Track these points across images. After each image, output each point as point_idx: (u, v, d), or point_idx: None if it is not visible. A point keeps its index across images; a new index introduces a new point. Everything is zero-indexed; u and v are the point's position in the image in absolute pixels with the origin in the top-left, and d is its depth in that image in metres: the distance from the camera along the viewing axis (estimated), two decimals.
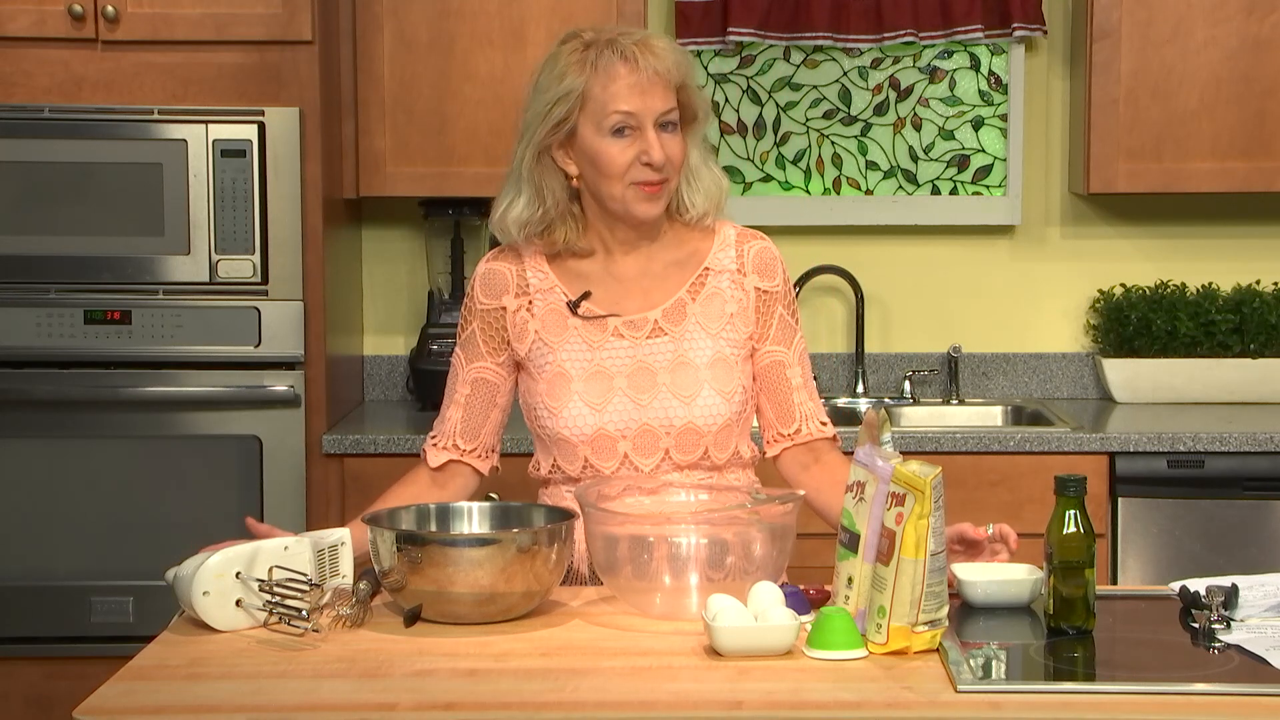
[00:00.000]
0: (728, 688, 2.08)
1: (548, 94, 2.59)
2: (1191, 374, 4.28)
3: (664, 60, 2.57)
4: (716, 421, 2.61)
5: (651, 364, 2.62)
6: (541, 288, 2.66)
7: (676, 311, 2.65)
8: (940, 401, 4.42)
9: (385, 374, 4.46)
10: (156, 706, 2.04)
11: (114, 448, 3.81)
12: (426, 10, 4.06)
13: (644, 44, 2.58)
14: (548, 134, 2.59)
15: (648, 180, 2.58)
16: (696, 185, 2.67)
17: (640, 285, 2.67)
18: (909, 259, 4.47)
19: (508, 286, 2.67)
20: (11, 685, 3.84)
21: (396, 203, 4.33)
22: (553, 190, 2.62)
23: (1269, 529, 3.86)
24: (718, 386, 2.62)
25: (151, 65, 3.82)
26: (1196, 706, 2.02)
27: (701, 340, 2.64)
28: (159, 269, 3.80)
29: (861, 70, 4.44)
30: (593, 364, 2.62)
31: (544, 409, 2.62)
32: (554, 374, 2.62)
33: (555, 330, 2.64)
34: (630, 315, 2.65)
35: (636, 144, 2.56)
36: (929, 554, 2.16)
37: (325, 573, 2.42)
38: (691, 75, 2.63)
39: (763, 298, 2.68)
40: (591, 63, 2.56)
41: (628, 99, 2.55)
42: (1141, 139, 4.13)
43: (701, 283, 2.67)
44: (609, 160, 2.57)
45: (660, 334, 2.64)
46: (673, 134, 2.59)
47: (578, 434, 2.60)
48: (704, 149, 2.69)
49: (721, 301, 2.66)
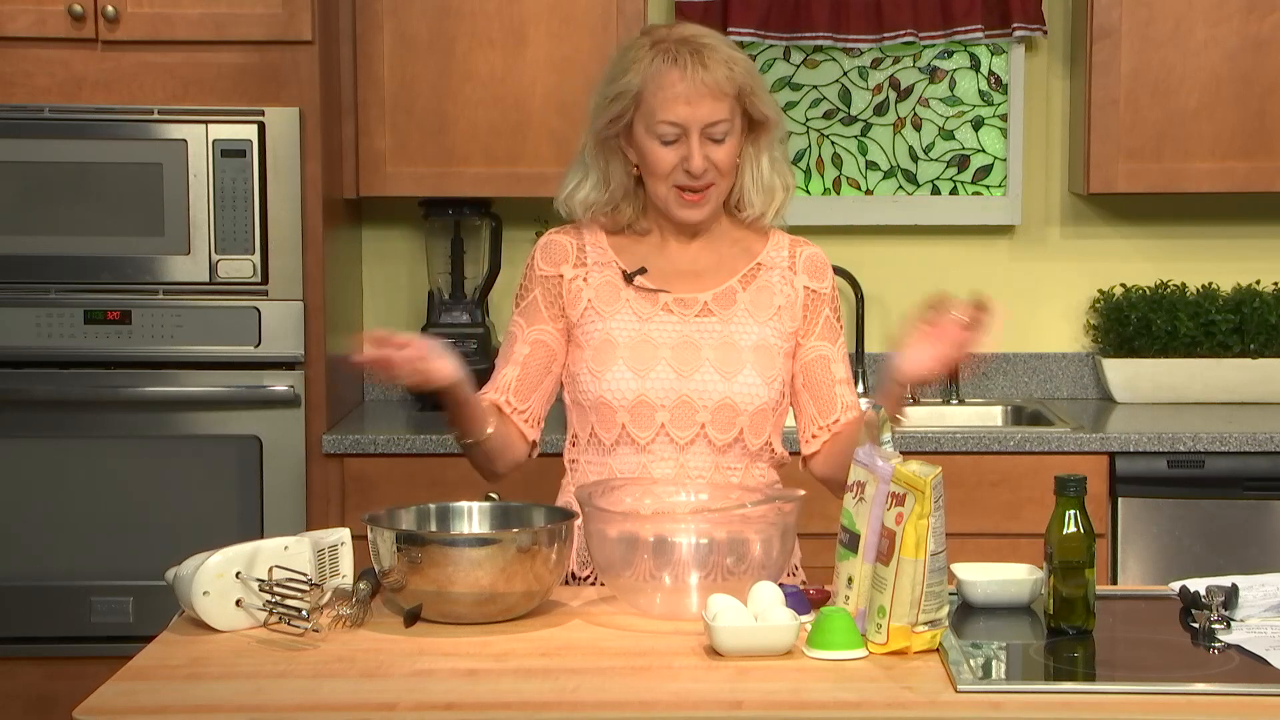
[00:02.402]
0: (728, 688, 2.08)
1: (610, 87, 2.68)
2: (1191, 374, 4.27)
3: (714, 72, 2.63)
4: (754, 402, 2.65)
5: (697, 340, 2.68)
6: (599, 261, 2.74)
7: (727, 297, 2.72)
8: (940, 401, 4.42)
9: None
10: (156, 706, 2.04)
11: (114, 448, 3.81)
12: (426, 10, 4.06)
13: (699, 53, 2.64)
14: (607, 125, 2.68)
15: (689, 186, 2.66)
16: (759, 186, 2.74)
17: (694, 270, 2.74)
18: (909, 259, 4.47)
19: (567, 257, 2.74)
20: (11, 685, 3.84)
21: (396, 203, 4.33)
22: (616, 174, 2.72)
23: (1269, 529, 3.86)
24: (759, 369, 2.67)
25: (151, 65, 3.82)
26: (1196, 706, 2.02)
27: (749, 325, 2.70)
28: (159, 269, 3.80)
29: (861, 70, 4.44)
30: (640, 334, 2.68)
31: (587, 373, 2.67)
32: (601, 340, 2.68)
33: (608, 300, 2.71)
34: (681, 294, 2.71)
35: (681, 150, 2.64)
36: (929, 554, 2.16)
37: (325, 573, 2.42)
38: (753, 84, 2.68)
39: (811, 297, 2.75)
40: (648, 66, 2.64)
41: (674, 109, 2.63)
42: (1141, 139, 4.13)
43: (754, 275, 2.75)
44: (655, 162, 2.66)
45: (709, 314, 2.71)
46: (721, 143, 2.65)
47: (619, 398, 2.64)
48: (778, 151, 2.76)
49: (770, 294, 2.73)
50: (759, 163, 2.73)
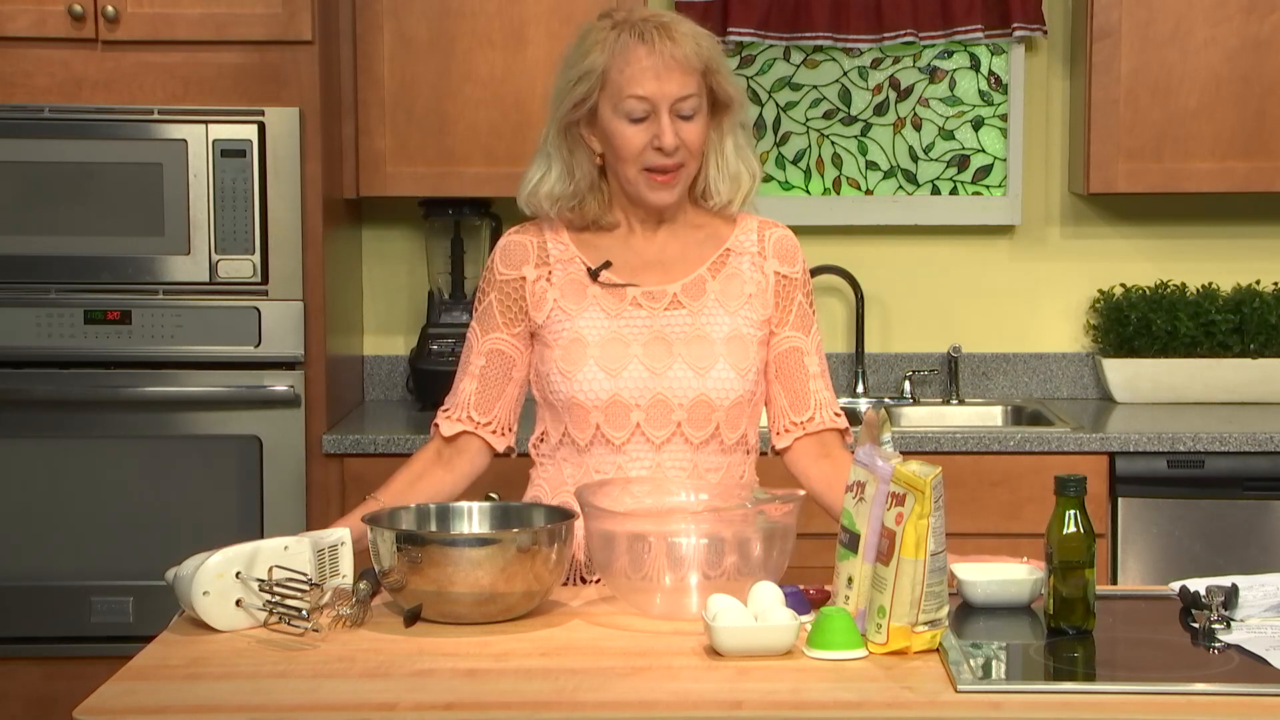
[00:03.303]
0: (728, 688, 2.08)
1: (571, 70, 2.62)
2: (1191, 374, 4.28)
3: (683, 46, 2.57)
4: (729, 397, 2.63)
5: (668, 335, 2.64)
6: (562, 258, 2.68)
7: (696, 287, 2.67)
8: (940, 401, 4.42)
9: (385, 374, 4.46)
10: (156, 706, 2.04)
11: (114, 448, 3.81)
12: (426, 10, 4.06)
13: (665, 28, 2.59)
14: (571, 110, 2.62)
15: (660, 166, 2.60)
16: (724, 173, 2.68)
17: (660, 261, 2.69)
18: (909, 259, 4.47)
19: (528, 257, 2.69)
20: (11, 685, 3.84)
21: (396, 203, 4.33)
22: (581, 165, 2.65)
23: (1269, 529, 3.86)
24: (733, 362, 2.64)
25: (151, 65, 3.82)
26: (1196, 706, 2.02)
27: (719, 316, 2.66)
28: (159, 269, 3.80)
29: (861, 70, 4.44)
30: (609, 331, 2.63)
31: (557, 373, 2.63)
32: (570, 340, 2.63)
33: (574, 298, 2.65)
34: (649, 287, 2.67)
35: (651, 129, 2.58)
36: (929, 554, 2.16)
37: (325, 573, 2.42)
38: (718, 62, 2.63)
39: (782, 283, 2.70)
40: (613, 43, 2.58)
41: (643, 83, 2.57)
42: (1141, 139, 4.13)
43: (722, 262, 2.69)
44: (623, 143, 2.59)
45: (679, 306, 2.66)
46: (691, 121, 2.60)
47: (592, 399, 2.61)
48: (741, 137, 2.70)
49: (741, 282, 2.68)
50: (723, 148, 2.67)
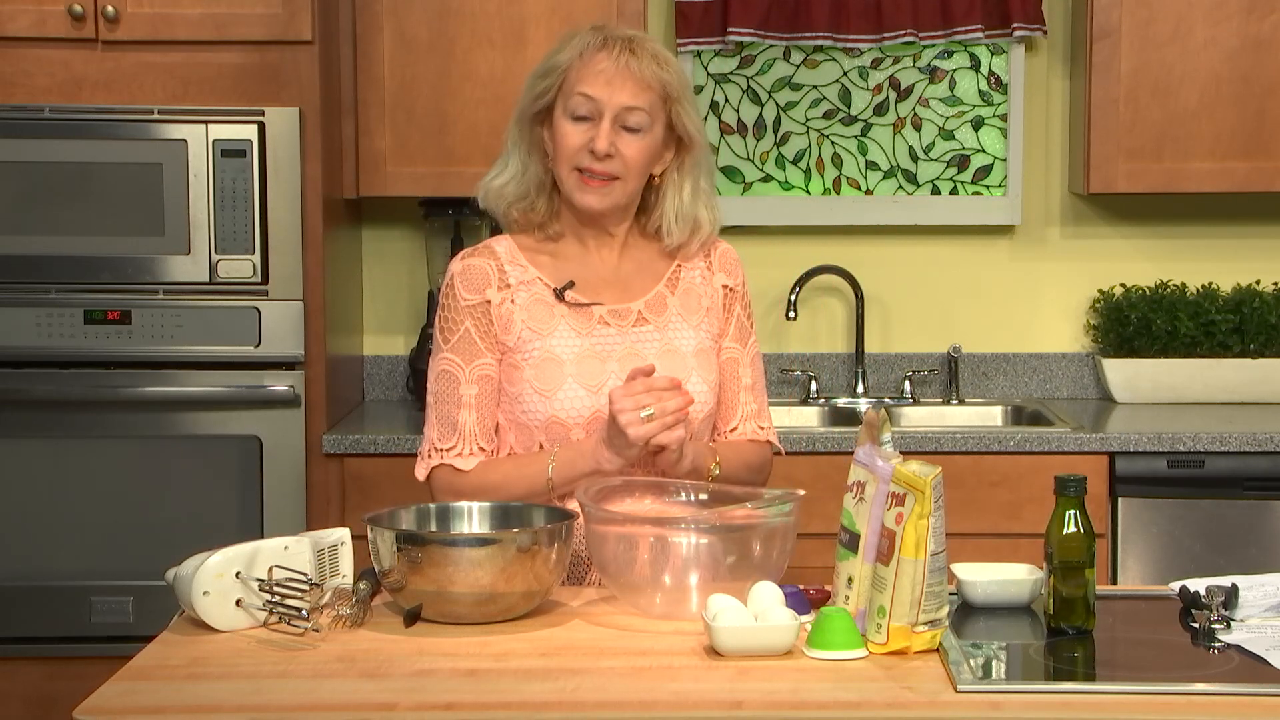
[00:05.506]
0: (728, 688, 2.08)
1: (541, 67, 2.66)
2: (1191, 374, 4.27)
3: (641, 61, 2.60)
4: (703, 409, 2.65)
5: (642, 351, 2.64)
6: (523, 280, 2.67)
7: (658, 303, 2.69)
8: (940, 401, 4.42)
9: (385, 374, 4.46)
10: (156, 706, 2.04)
11: (114, 448, 3.81)
12: (426, 10, 4.06)
13: (631, 42, 2.62)
14: (530, 103, 2.65)
15: (590, 169, 2.60)
16: (681, 215, 2.68)
17: (618, 279, 2.70)
18: (909, 259, 4.47)
19: (489, 280, 2.67)
20: (11, 685, 3.84)
21: (396, 203, 4.33)
22: (533, 165, 2.66)
23: (1269, 529, 3.86)
24: (703, 374, 2.66)
25: (151, 65, 3.82)
26: (1196, 706, 2.02)
27: (684, 330, 2.68)
28: (159, 269, 3.80)
29: (861, 70, 4.44)
30: (584, 349, 2.63)
31: (533, 393, 2.61)
32: (543, 359, 2.62)
33: (542, 318, 2.65)
34: (613, 305, 2.67)
35: (590, 131, 2.60)
36: (929, 554, 2.16)
37: (325, 573, 2.42)
38: (681, 93, 2.63)
39: (728, 295, 2.74)
40: (581, 47, 2.62)
41: (593, 84, 2.59)
42: (1141, 139, 4.13)
43: (677, 277, 2.72)
44: (561, 139, 2.61)
45: (644, 323, 2.67)
46: (635, 135, 2.60)
47: (574, 416, 2.60)
48: (704, 183, 2.69)
49: (697, 296, 2.71)
50: (682, 188, 2.67)
